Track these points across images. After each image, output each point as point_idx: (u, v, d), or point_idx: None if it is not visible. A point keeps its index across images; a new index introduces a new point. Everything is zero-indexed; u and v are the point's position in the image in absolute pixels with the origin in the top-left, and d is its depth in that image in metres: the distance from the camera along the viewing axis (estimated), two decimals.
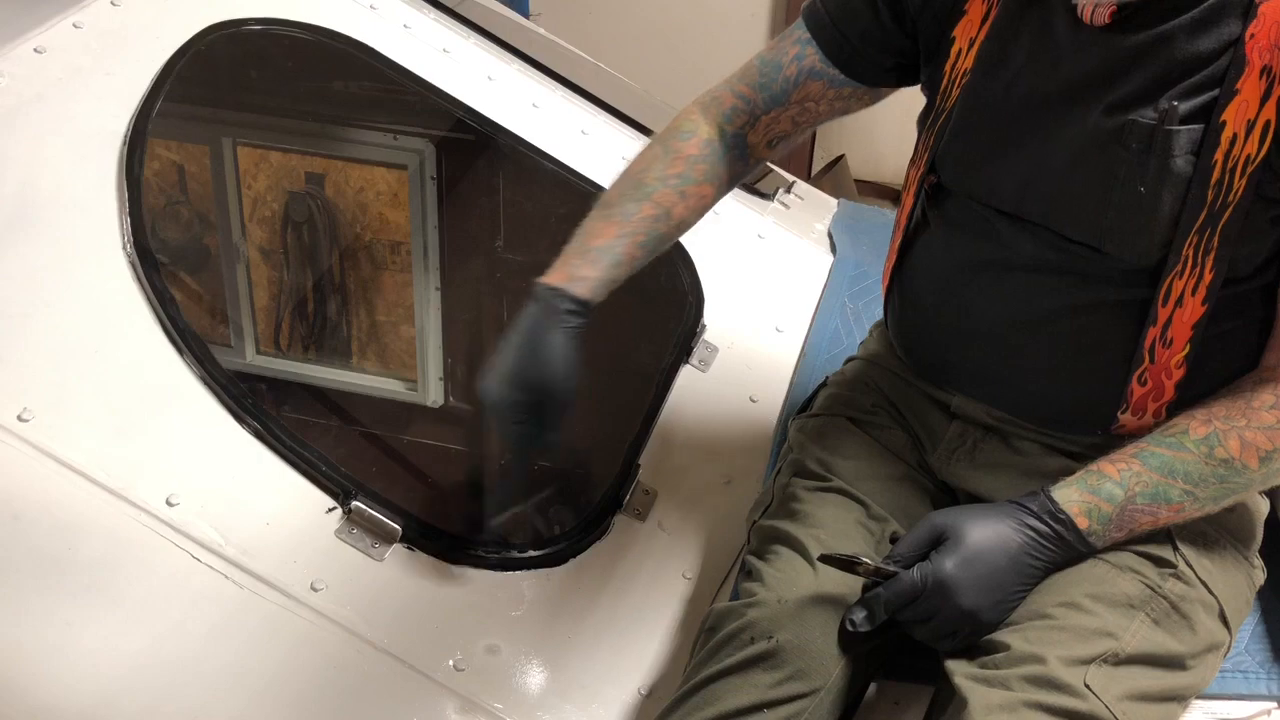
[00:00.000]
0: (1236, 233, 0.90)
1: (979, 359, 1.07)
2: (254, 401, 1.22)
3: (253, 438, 1.18)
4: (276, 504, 1.15)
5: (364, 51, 1.55)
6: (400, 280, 2.02)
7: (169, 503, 1.11)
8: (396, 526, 1.16)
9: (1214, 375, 0.98)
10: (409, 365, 2.00)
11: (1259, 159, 0.88)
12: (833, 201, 1.84)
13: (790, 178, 1.83)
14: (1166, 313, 0.94)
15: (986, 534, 0.94)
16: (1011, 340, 1.04)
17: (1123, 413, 1.00)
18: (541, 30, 2.01)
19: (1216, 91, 0.88)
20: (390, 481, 1.49)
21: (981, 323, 1.05)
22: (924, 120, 1.08)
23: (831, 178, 2.83)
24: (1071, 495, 0.96)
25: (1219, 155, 0.88)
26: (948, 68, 1.02)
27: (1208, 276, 0.92)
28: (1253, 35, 0.86)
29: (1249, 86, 0.87)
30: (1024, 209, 0.99)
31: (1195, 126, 0.89)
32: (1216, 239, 0.91)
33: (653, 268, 1.21)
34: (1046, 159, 0.96)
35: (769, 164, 1.84)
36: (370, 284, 2.09)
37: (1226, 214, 0.90)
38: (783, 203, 1.73)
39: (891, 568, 0.96)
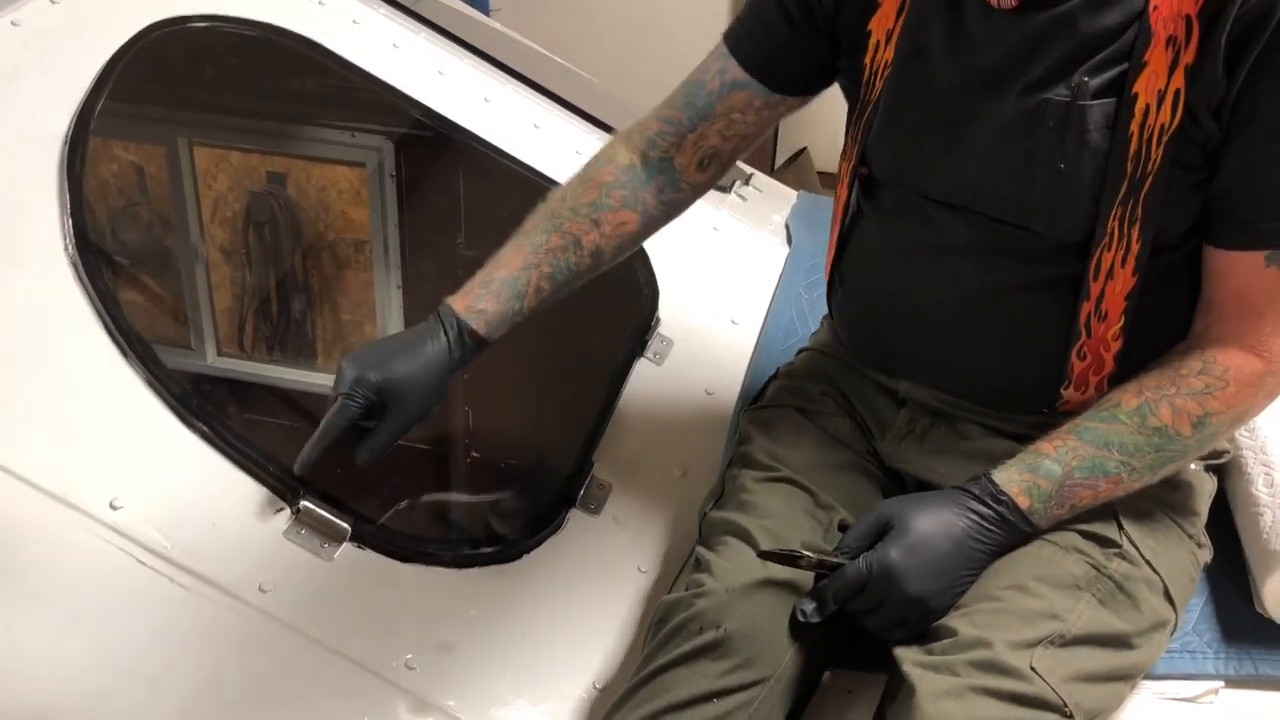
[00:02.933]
0: (1159, 202, 0.91)
1: (922, 343, 1.08)
2: (200, 403, 1.20)
3: (199, 440, 1.17)
4: (224, 506, 1.14)
5: (313, 48, 1.53)
6: (364, 279, 2.01)
7: (112, 506, 1.09)
8: (345, 525, 1.15)
9: (1152, 346, 0.98)
10: None
11: (1173, 128, 0.88)
12: (792, 193, 1.84)
13: (749, 170, 1.83)
14: (1099, 286, 0.95)
15: (930, 520, 0.94)
16: (952, 322, 1.04)
17: (1065, 389, 1.01)
18: (495, 24, 2.00)
19: (1126, 65, 0.88)
20: (342, 481, 1.48)
21: (922, 307, 1.06)
22: (850, 113, 1.09)
23: (795, 170, 2.83)
24: (1011, 476, 0.96)
25: (1134, 127, 0.89)
26: (867, 60, 1.03)
27: (1135, 247, 0.93)
28: (1155, 7, 0.87)
29: (1156, 57, 0.87)
30: (953, 195, 1.00)
31: (1108, 100, 0.90)
32: (1140, 209, 0.91)
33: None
34: (970, 145, 0.97)
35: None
36: (334, 283, 2.07)
37: (1147, 184, 0.90)
38: (740, 195, 1.72)
39: (836, 559, 0.96)
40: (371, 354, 1.07)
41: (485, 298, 1.08)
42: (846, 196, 1.12)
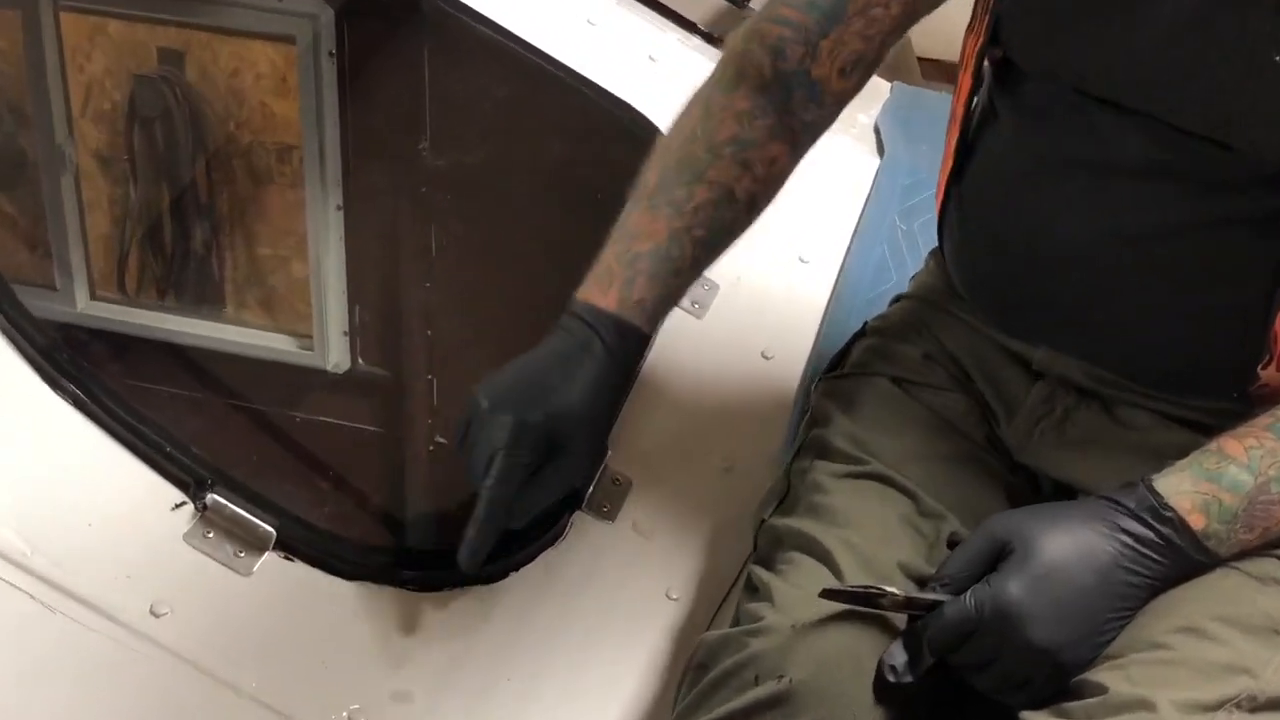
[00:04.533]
0: None
1: (1070, 298, 1.08)
2: (74, 360, 1.21)
3: (72, 408, 1.18)
4: (104, 498, 1.15)
5: None
6: (292, 199, 2.02)
7: None
8: (269, 529, 1.16)
9: None
10: (303, 315, 1.99)
11: None
12: (884, 86, 1.84)
13: None
14: None
15: (1065, 543, 0.94)
16: (1113, 271, 1.04)
17: (1265, 366, 1.01)
18: None
19: None
20: (266, 469, 1.49)
21: (1073, 248, 1.06)
22: None
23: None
24: (1182, 485, 0.96)
25: None
26: None
27: None
28: None
29: None
30: (1124, 91, 1.00)
31: None
32: None
33: (622, 172, 1.20)
34: (1154, 20, 0.96)
35: None
36: (250, 203, 2.08)
37: None
38: None
39: (934, 595, 0.97)
40: (517, 387, 1.06)
41: (638, 283, 1.09)
42: (971, 89, 1.13)
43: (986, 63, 1.11)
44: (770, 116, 1.13)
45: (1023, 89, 1.08)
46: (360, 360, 1.92)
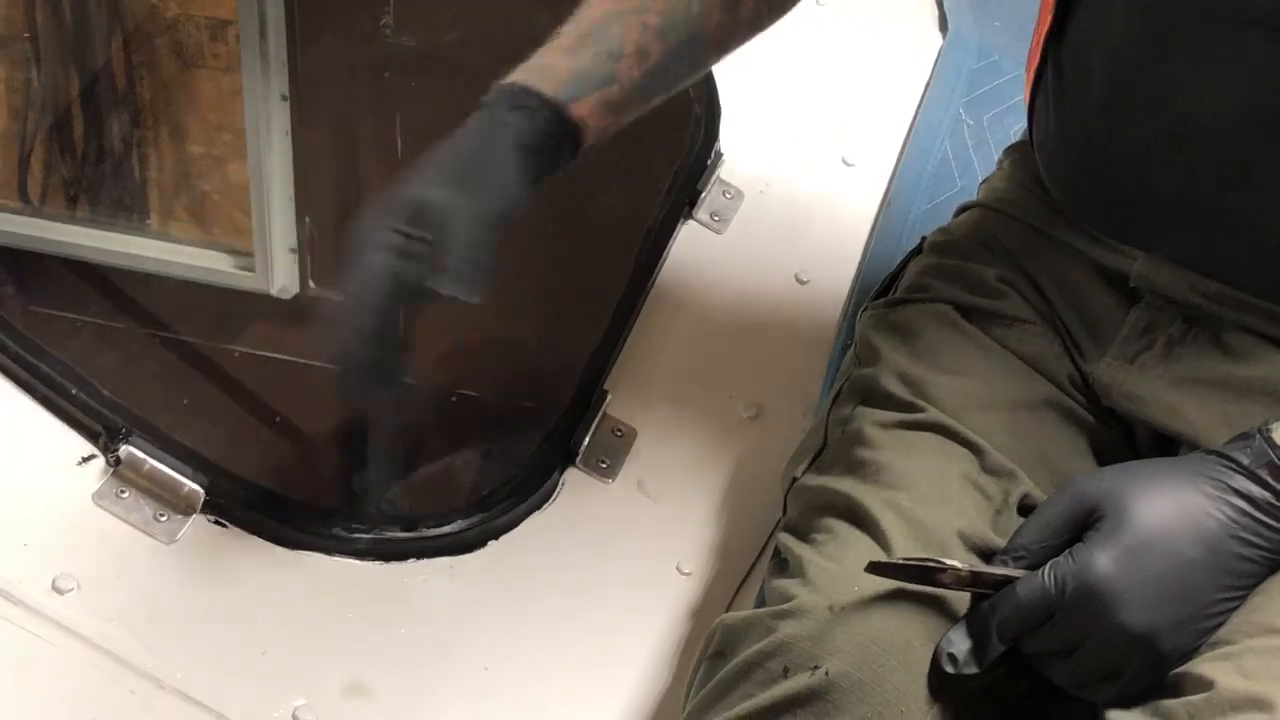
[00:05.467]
0: None
1: (1188, 183, 1.08)
2: None
3: None
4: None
5: None
6: (227, 86, 2.02)
7: None
8: (197, 487, 1.18)
9: None
10: (242, 228, 2.00)
11: None
12: None
13: None
14: None
15: (1166, 509, 0.94)
16: (1243, 147, 1.04)
17: None
18: None
19: None
20: (194, 416, 1.50)
21: (1195, 119, 1.06)
22: None
23: None
24: None
25: None
26: None
27: None
28: None
29: None
30: None
31: None
32: None
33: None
34: None
35: None
36: (177, 91, 2.08)
37: None
38: None
39: (1005, 570, 0.97)
40: (422, 175, 1.09)
41: (550, 54, 1.13)
42: None
43: None
44: None
45: None
46: (311, 283, 1.93)
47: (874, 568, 0.99)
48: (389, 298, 1.05)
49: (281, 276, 1.91)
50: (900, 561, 0.98)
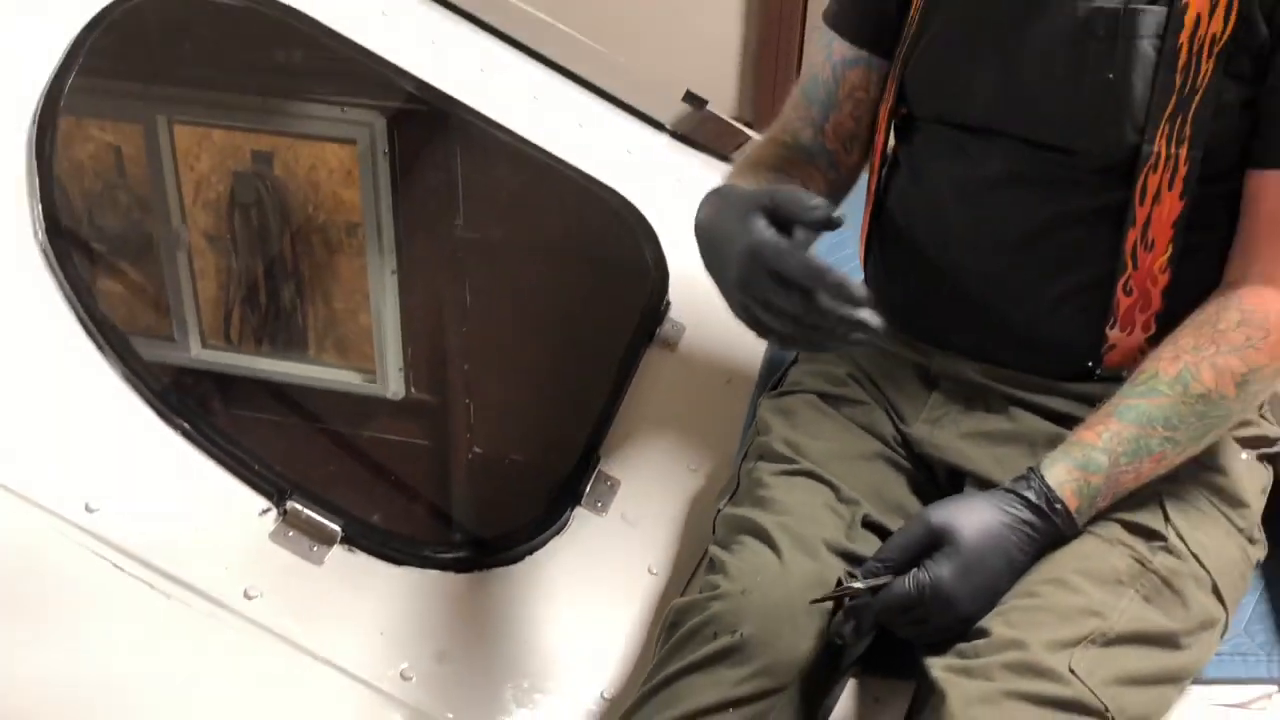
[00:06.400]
0: (1209, 117, 0.95)
1: (960, 297, 1.09)
2: (180, 398, 1.22)
3: (179, 436, 1.18)
4: (207, 507, 1.15)
5: (296, 17, 1.53)
6: (357, 265, 2.02)
7: (88, 508, 1.10)
8: (335, 527, 1.16)
9: (1199, 283, 1.00)
10: (368, 355, 2.00)
11: (1225, 37, 0.93)
12: None
13: (754, 134, 1.82)
14: (1145, 211, 0.97)
15: (985, 537, 0.94)
16: (995, 264, 1.06)
17: (1111, 328, 1.02)
18: None
19: None
20: (337, 480, 1.49)
21: (960, 254, 1.07)
22: (893, 54, 1.12)
23: None
24: (1063, 476, 0.96)
25: (1184, 37, 0.93)
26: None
27: (1182, 169, 0.95)
28: None
29: None
30: (994, 118, 1.03)
31: (1159, 8, 0.94)
32: (1189, 127, 0.95)
33: (609, 241, 1.20)
34: (1016, 60, 1.00)
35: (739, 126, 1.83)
36: (325, 269, 2.08)
37: (1196, 98, 0.94)
38: None
39: (881, 579, 0.96)
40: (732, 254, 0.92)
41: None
42: (883, 144, 1.15)
43: (892, 122, 1.13)
44: (797, 170, 1.14)
45: (917, 136, 1.11)
46: (413, 389, 1.93)
47: (814, 602, 0.98)
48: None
49: (393, 385, 1.92)
50: (829, 595, 0.98)
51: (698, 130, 1.71)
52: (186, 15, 1.56)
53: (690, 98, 1.89)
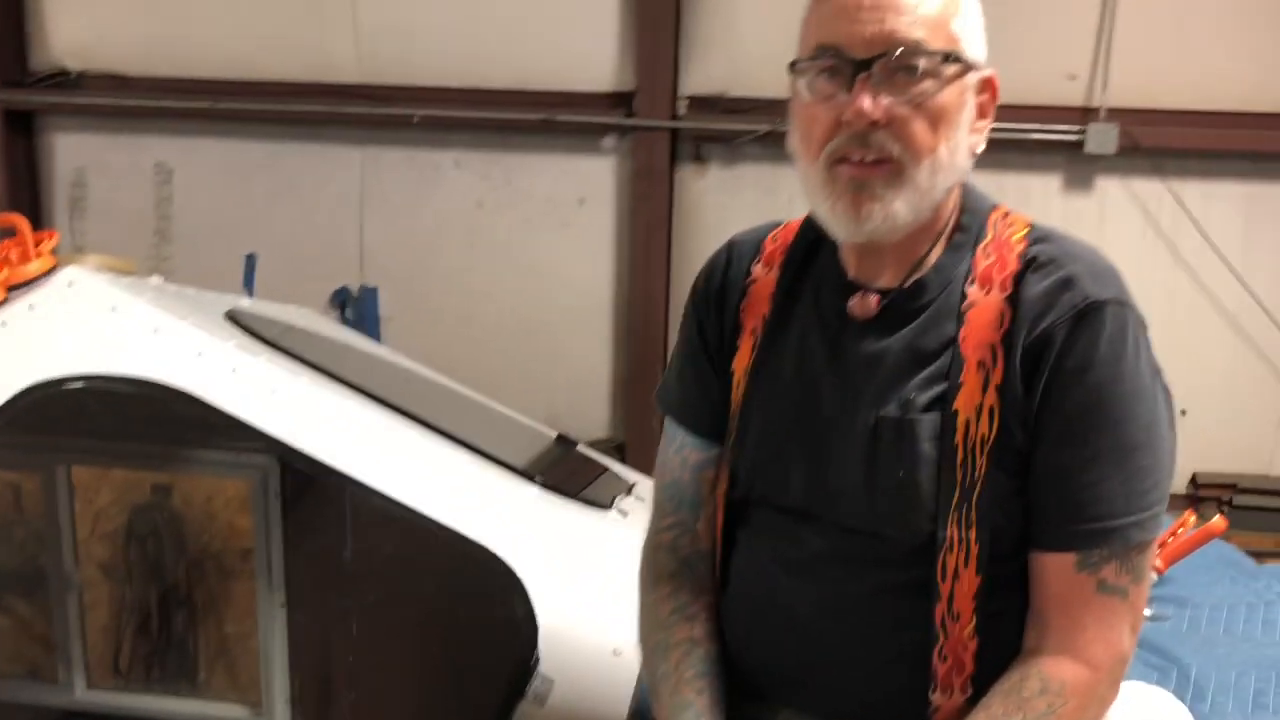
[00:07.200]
0: (989, 505, 1.05)
1: (799, 661, 1.16)
2: None
3: None
4: None
5: (191, 402, 1.66)
6: (250, 588, 2.07)
7: None
8: None
9: (1005, 645, 1.08)
10: (256, 681, 2.01)
11: (992, 438, 1.05)
12: None
13: (632, 479, 1.94)
14: (947, 588, 1.07)
15: None
16: (822, 634, 1.13)
17: (933, 693, 1.08)
18: (383, 352, 2.15)
19: (946, 384, 1.06)
20: None
21: (795, 622, 1.15)
22: (723, 445, 1.22)
23: None
24: None
25: (959, 439, 1.05)
26: (733, 395, 1.19)
27: (974, 549, 1.06)
28: (965, 337, 1.06)
29: (970, 378, 1.06)
30: (811, 506, 1.12)
31: (934, 415, 1.06)
32: (974, 513, 1.05)
33: (480, 598, 1.22)
34: (822, 459, 1.11)
35: (614, 469, 1.96)
36: (219, 595, 2.12)
37: (977, 490, 1.05)
38: (621, 510, 1.83)
39: None
40: None
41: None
42: (722, 524, 1.22)
43: (727, 505, 1.21)
44: (687, 588, 1.22)
45: (750, 516, 1.19)
46: None
47: None
48: None
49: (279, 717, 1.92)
50: None
51: (568, 480, 1.81)
52: (89, 402, 1.67)
53: (561, 440, 2.02)
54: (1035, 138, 3.44)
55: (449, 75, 3.69)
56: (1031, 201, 3.50)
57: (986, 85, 1.07)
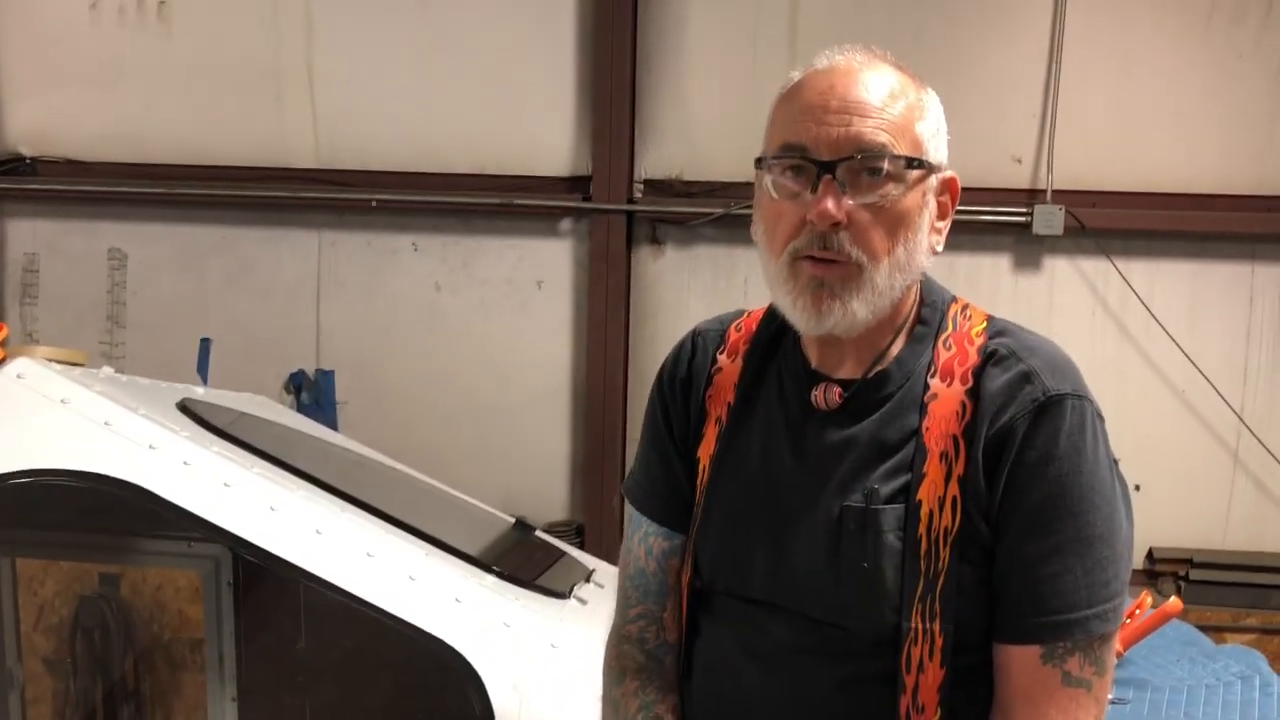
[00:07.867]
0: (953, 596, 1.05)
1: None
2: None
3: None
4: None
5: (143, 495, 1.64)
6: (199, 680, 2.03)
7: None
8: None
9: None
10: None
11: (955, 529, 1.05)
12: None
13: (590, 565, 1.93)
14: (912, 679, 1.07)
15: None
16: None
17: None
18: (336, 437, 2.15)
19: (909, 475, 1.07)
20: None
21: (761, 710, 1.14)
22: (687, 533, 1.22)
23: None
24: None
25: (922, 529, 1.06)
26: (698, 483, 1.19)
27: (939, 641, 1.06)
28: (928, 428, 1.07)
29: (933, 469, 1.06)
30: (774, 596, 1.12)
31: (898, 506, 1.07)
32: (938, 604, 1.06)
33: (438, 693, 1.21)
34: (786, 549, 1.11)
35: (572, 554, 1.95)
36: (168, 688, 2.08)
37: (940, 580, 1.06)
38: (580, 598, 1.81)
39: None
40: None
41: None
42: (686, 612, 1.22)
43: (691, 593, 1.20)
44: (654, 683, 1.21)
45: (714, 606, 1.18)
46: None
47: None
48: None
49: None
50: None
51: (526, 568, 1.80)
52: (35, 498, 1.65)
53: (520, 525, 2.02)
54: (984, 219, 3.51)
55: (407, 160, 3.72)
56: (982, 281, 3.57)
57: (947, 186, 1.10)
